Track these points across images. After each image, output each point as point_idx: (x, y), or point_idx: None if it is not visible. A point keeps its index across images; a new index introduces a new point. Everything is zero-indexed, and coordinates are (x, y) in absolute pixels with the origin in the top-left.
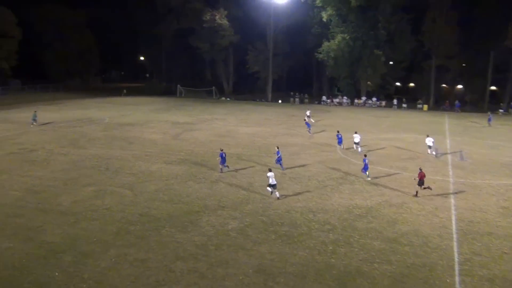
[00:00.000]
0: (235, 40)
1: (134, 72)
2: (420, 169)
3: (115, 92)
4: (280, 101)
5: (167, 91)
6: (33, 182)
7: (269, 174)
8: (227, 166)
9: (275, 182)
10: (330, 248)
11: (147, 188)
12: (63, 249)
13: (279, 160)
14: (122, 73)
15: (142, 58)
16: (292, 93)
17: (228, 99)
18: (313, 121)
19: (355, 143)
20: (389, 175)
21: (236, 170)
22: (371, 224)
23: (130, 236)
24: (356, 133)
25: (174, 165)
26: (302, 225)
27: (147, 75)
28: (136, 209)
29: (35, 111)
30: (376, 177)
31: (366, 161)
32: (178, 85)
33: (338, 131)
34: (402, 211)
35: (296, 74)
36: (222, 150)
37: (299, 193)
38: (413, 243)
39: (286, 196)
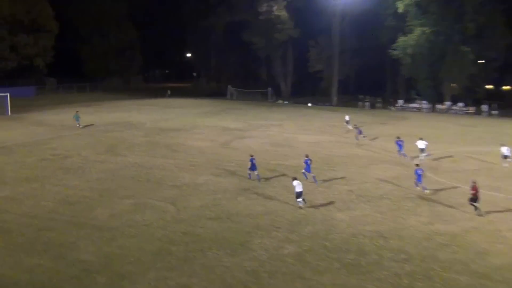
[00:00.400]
0: (295, 35)
1: (179, 71)
2: (474, 183)
3: (158, 93)
4: (331, 104)
5: (216, 93)
6: (66, 192)
7: (295, 182)
8: (258, 175)
9: (301, 190)
10: (406, 282)
11: (191, 203)
12: (98, 269)
13: (307, 170)
14: (167, 71)
15: (188, 55)
16: (361, 96)
17: (285, 102)
18: (350, 127)
19: (420, 149)
20: (481, 197)
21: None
22: (456, 254)
23: (171, 257)
24: (421, 139)
25: (222, 178)
26: (372, 252)
27: (194, 74)
28: (179, 227)
29: (77, 112)
30: (461, 199)
31: (419, 172)
32: (229, 86)
33: (398, 137)
34: (494, 240)
35: (366, 74)
36: (252, 156)
37: (368, 215)
38: (509, 281)
39: (352, 216)
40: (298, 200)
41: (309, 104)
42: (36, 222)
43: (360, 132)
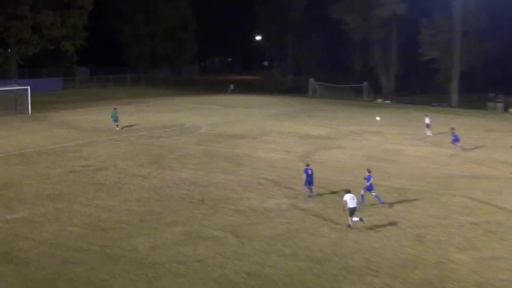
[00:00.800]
0: (401, 11)
1: (246, 60)
2: None
3: (218, 87)
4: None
5: (294, 88)
6: (98, 215)
7: (346, 196)
8: (311, 190)
9: (355, 205)
10: None
11: (259, 234)
12: None
13: (368, 189)
14: (229, 60)
15: (258, 38)
16: (491, 95)
17: (387, 101)
18: (429, 133)
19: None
20: None
21: (396, 211)
22: None
23: None
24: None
25: (300, 201)
26: None
27: (265, 63)
28: (241, 265)
29: (115, 109)
30: None
31: (371, 179)
32: (311, 79)
33: (452, 128)
34: None
35: (500, 65)
36: (308, 166)
37: (500, 257)
38: None
39: (477, 259)
40: (353, 219)
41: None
42: (60, 252)
43: (457, 139)
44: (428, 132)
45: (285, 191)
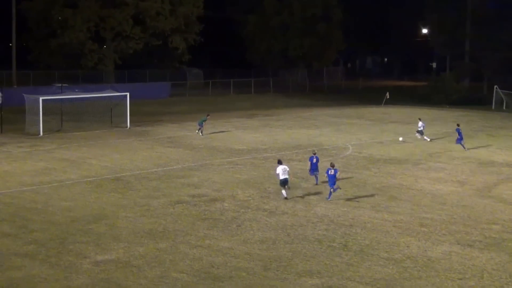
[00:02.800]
0: None
1: (408, 60)
2: None
3: (370, 96)
4: None
5: (472, 98)
6: (211, 259)
7: (279, 169)
8: (317, 178)
9: (286, 177)
10: None
11: None
12: None
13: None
14: (385, 60)
15: (425, 31)
16: None
17: None
18: (420, 136)
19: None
20: None
21: None
22: None
23: None
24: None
25: (478, 251)
26: None
27: (433, 64)
28: None
29: (208, 115)
30: None
31: (337, 173)
32: (495, 87)
33: (458, 125)
34: None
35: None
36: (315, 154)
37: None
38: None
39: None
40: (283, 191)
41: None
42: None
43: (462, 138)
44: (419, 136)
45: (457, 236)
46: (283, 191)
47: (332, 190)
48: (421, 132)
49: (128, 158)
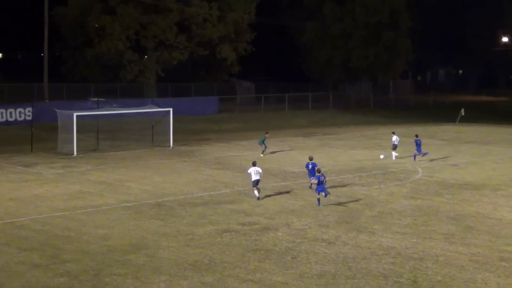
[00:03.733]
0: None
1: (486, 72)
2: None
3: (442, 113)
4: None
5: None
6: None
7: (251, 169)
8: (311, 186)
9: (258, 178)
10: None
11: None
12: None
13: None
14: (460, 72)
15: (505, 39)
16: None
17: None
18: (395, 154)
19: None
20: None
21: None
22: None
23: None
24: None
25: None
26: None
27: None
28: None
29: (267, 133)
30: None
31: (320, 178)
32: None
33: (416, 135)
34: None
35: None
36: (311, 160)
37: None
38: None
39: None
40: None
41: None
42: None
43: (420, 149)
44: (394, 153)
45: None
46: (255, 192)
47: (319, 196)
48: (394, 147)
49: (171, 181)
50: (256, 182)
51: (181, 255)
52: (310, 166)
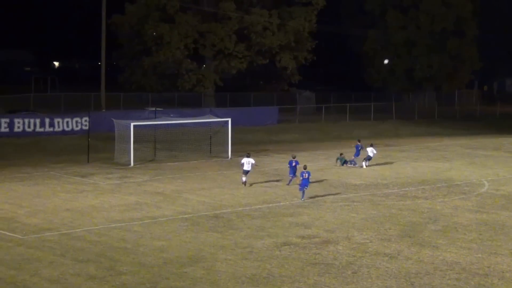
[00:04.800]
0: None
1: None
2: None
3: (510, 123)
4: None
5: None
6: None
7: (244, 159)
8: (290, 181)
9: (248, 169)
10: None
11: None
12: None
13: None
14: None
15: None
16: None
17: None
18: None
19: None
20: None
21: None
22: None
23: None
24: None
25: None
26: None
27: None
28: None
29: (341, 154)
30: None
31: (304, 175)
32: None
33: (358, 140)
34: None
35: None
36: (294, 158)
37: None
38: None
39: None
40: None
41: None
42: None
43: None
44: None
45: None
46: (243, 178)
47: (293, 178)
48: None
49: (229, 193)
50: (246, 172)
51: (239, 268)
52: (293, 164)
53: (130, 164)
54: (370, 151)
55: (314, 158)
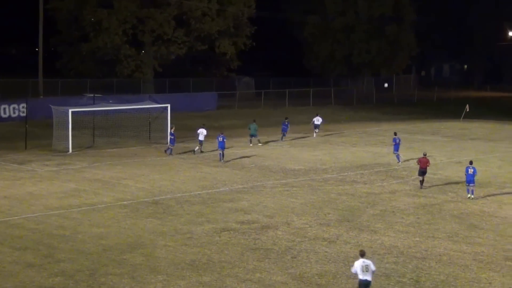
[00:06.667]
0: None
1: (492, 67)
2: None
3: (446, 109)
4: None
5: None
6: None
7: (199, 130)
8: (170, 150)
9: (202, 139)
10: None
11: None
12: None
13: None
14: (465, 67)
15: (511, 33)
16: None
17: None
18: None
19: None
20: None
21: None
22: None
23: None
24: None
25: None
26: None
27: None
28: None
29: (254, 121)
30: None
31: (219, 138)
32: None
33: (395, 133)
34: None
35: None
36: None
37: None
38: None
39: None
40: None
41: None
42: None
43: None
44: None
45: None
46: (197, 148)
47: (221, 152)
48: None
49: (168, 179)
50: (200, 142)
51: (179, 254)
52: (220, 139)
53: (68, 151)
54: (317, 120)
55: (254, 144)
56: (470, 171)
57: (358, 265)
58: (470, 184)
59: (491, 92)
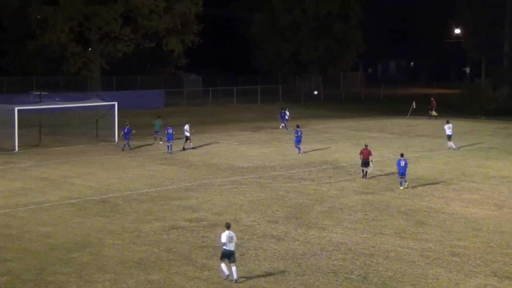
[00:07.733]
0: None
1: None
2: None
3: (393, 106)
4: None
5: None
6: None
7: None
8: (127, 145)
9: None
10: None
11: None
12: None
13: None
14: (411, 65)
15: (457, 31)
16: None
17: None
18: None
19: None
20: None
21: None
22: None
23: None
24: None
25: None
26: None
27: (466, 70)
28: None
29: (159, 117)
30: None
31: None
32: None
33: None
34: None
35: None
36: (127, 125)
37: None
38: None
39: None
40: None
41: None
42: None
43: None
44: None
45: (494, 267)
46: (191, 144)
47: (169, 144)
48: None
49: (116, 177)
50: (187, 138)
51: (127, 252)
52: (170, 130)
53: (14, 149)
54: (284, 113)
55: (201, 140)
56: (402, 163)
57: (224, 236)
58: (403, 176)
59: (437, 89)
